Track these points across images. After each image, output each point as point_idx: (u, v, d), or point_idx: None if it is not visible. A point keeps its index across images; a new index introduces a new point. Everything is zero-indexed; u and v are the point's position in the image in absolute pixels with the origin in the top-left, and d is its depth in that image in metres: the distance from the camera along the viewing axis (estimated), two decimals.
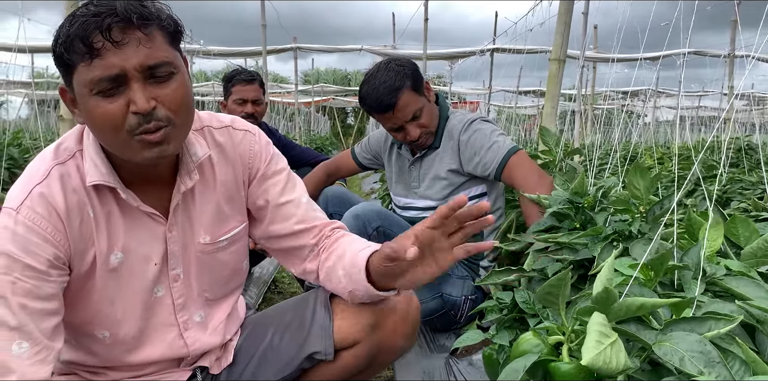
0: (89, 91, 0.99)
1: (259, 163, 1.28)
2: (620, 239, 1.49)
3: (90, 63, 0.97)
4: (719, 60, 8.90)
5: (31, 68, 10.74)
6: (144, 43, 0.99)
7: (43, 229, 1.04)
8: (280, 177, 1.31)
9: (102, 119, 1.01)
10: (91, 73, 0.98)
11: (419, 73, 2.12)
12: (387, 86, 2.02)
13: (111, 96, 1.00)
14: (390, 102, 2.03)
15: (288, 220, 1.30)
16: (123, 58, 0.98)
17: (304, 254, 1.33)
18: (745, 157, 4.91)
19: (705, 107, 18.04)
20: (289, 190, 1.31)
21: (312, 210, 1.33)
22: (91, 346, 1.21)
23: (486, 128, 2.10)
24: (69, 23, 0.97)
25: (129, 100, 1.00)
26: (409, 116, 2.07)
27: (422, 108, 2.09)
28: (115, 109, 1.00)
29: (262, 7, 8.09)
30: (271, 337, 1.35)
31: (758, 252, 1.26)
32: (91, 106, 1.01)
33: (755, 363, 0.89)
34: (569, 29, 2.98)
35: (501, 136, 2.08)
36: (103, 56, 0.97)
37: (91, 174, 1.08)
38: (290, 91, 16.12)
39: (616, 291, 0.98)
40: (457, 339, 1.43)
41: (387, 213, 2.07)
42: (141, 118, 1.00)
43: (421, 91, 2.10)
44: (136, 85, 1.00)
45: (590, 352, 0.91)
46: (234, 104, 3.02)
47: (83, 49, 0.96)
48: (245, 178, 1.28)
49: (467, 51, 10.11)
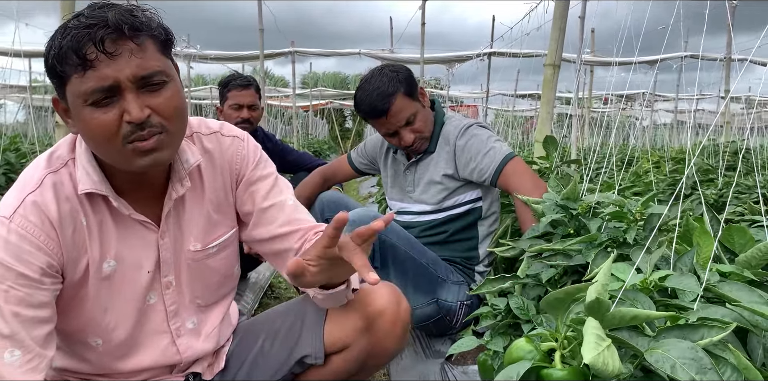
0: (83, 101, 1.00)
1: (245, 169, 1.28)
2: (614, 245, 1.49)
3: (83, 74, 0.97)
4: (716, 64, 8.93)
5: (28, 73, 10.74)
6: (136, 53, 1.00)
7: (36, 238, 1.04)
8: (266, 181, 1.30)
9: (96, 129, 1.01)
10: (85, 84, 0.98)
11: (413, 78, 2.13)
12: (380, 92, 2.03)
13: (105, 106, 1.00)
14: (383, 107, 2.04)
15: (272, 223, 1.29)
16: (116, 68, 0.98)
17: (290, 257, 1.32)
18: (742, 160, 4.91)
19: (702, 110, 18.08)
20: (274, 194, 1.30)
21: (296, 212, 1.32)
22: (83, 353, 1.20)
23: (482, 134, 2.10)
24: (61, 35, 0.98)
25: (123, 110, 1.00)
26: (403, 121, 2.07)
27: (416, 113, 2.09)
28: (109, 119, 1.00)
29: (259, 11, 8.10)
30: (262, 342, 1.35)
31: (752, 260, 1.26)
32: (86, 117, 1.01)
33: (747, 370, 0.89)
34: (564, 34, 2.99)
35: (497, 142, 2.08)
36: (97, 68, 0.97)
37: (83, 182, 1.09)
38: (288, 95, 16.12)
39: (608, 301, 0.98)
40: (452, 345, 1.44)
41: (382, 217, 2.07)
42: (135, 126, 1.01)
43: (415, 97, 2.10)
44: (129, 95, 1.00)
45: (591, 352, 0.91)
46: (230, 109, 3.02)
47: (76, 61, 0.97)
48: (232, 183, 1.28)
49: (464, 55, 10.13)
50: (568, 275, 1.53)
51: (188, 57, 10.26)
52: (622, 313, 0.97)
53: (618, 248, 1.45)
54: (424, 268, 2.03)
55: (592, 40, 9.60)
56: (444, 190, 2.15)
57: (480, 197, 2.16)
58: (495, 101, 16.09)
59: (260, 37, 8.39)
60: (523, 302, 1.38)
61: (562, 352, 1.06)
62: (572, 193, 1.71)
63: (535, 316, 1.34)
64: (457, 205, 2.16)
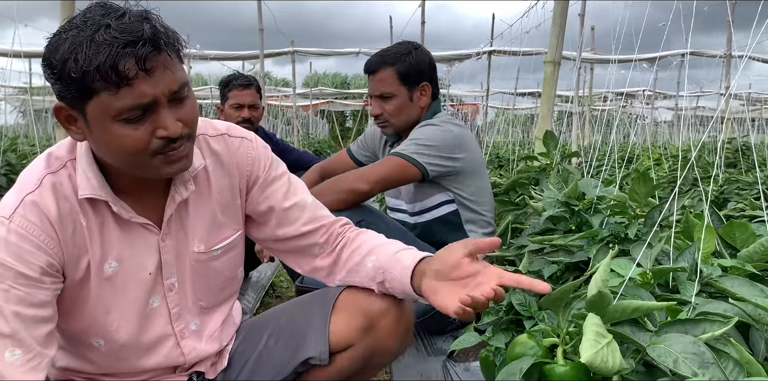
0: (112, 117, 0.97)
1: (258, 170, 1.28)
2: (616, 241, 1.49)
3: (117, 91, 0.94)
4: (716, 61, 8.93)
5: (28, 74, 10.75)
6: (168, 67, 0.98)
7: (36, 237, 1.03)
8: (281, 182, 1.31)
9: (125, 145, 1.00)
10: (119, 101, 0.95)
11: (423, 73, 2.15)
12: (384, 56, 2.14)
13: (135, 122, 0.99)
14: (372, 68, 2.15)
15: (295, 222, 1.30)
16: (153, 85, 0.96)
17: (314, 252, 1.33)
18: (742, 157, 4.91)
19: (703, 108, 18.06)
20: (292, 194, 1.31)
21: (317, 209, 1.34)
22: (87, 354, 1.20)
23: (426, 131, 2.07)
24: (89, 47, 0.92)
25: (156, 126, 1.00)
26: (377, 92, 2.15)
27: (395, 96, 2.13)
28: (141, 135, 0.99)
29: (258, 11, 8.11)
30: (266, 341, 1.34)
31: (754, 255, 1.25)
32: (114, 132, 0.99)
33: (749, 364, 0.89)
34: (564, 31, 2.99)
35: (424, 147, 2.02)
36: (134, 85, 0.95)
37: (83, 187, 1.08)
38: (288, 95, 16.12)
39: (609, 294, 0.98)
40: (454, 341, 1.43)
41: (371, 208, 2.07)
42: (168, 140, 1.01)
43: (408, 84, 2.13)
44: (164, 111, 0.99)
45: (589, 350, 0.91)
46: (231, 109, 3.02)
47: (114, 80, 0.93)
48: (242, 185, 1.28)
49: (464, 53, 10.11)
50: (570, 271, 1.53)
51: (188, 57, 10.27)
52: (623, 306, 0.97)
53: (619, 244, 1.45)
54: None
55: (592, 38, 9.60)
56: (412, 191, 2.17)
57: (452, 200, 2.14)
58: (495, 100, 16.08)
59: (260, 36, 8.40)
60: (525, 298, 1.38)
61: (564, 347, 1.06)
62: (573, 193, 1.71)
63: (537, 313, 1.34)
64: (427, 208, 2.17)
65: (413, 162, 1.99)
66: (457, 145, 2.06)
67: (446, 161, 2.04)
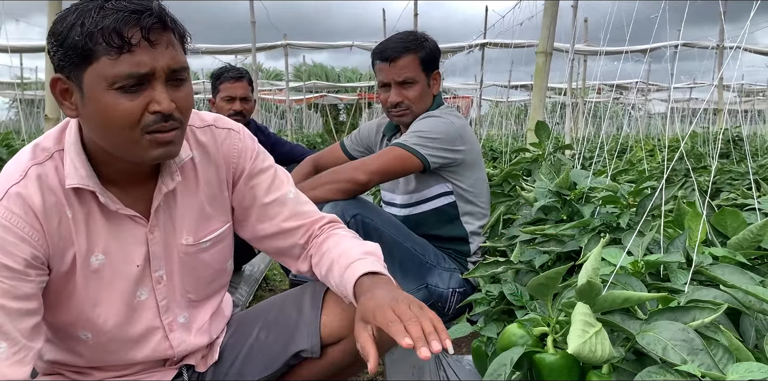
0: (108, 85, 0.98)
1: (244, 162, 1.27)
2: (607, 230, 1.49)
3: (118, 57, 0.96)
4: (708, 52, 8.93)
5: (20, 69, 10.68)
6: (172, 46, 1.01)
7: (20, 229, 1.02)
8: (266, 175, 1.30)
9: (118, 115, 1.00)
10: (117, 67, 0.97)
11: (437, 60, 2.14)
12: (403, 41, 2.08)
13: (131, 93, 0.99)
14: (394, 54, 2.06)
15: (275, 218, 1.29)
16: (153, 57, 0.98)
17: (295, 254, 1.32)
18: (735, 148, 4.92)
19: (696, 99, 18.10)
20: (275, 188, 1.30)
21: (299, 204, 1.32)
22: (75, 346, 1.19)
23: (429, 122, 2.06)
24: (97, 13, 0.95)
25: (150, 100, 1.00)
26: (401, 78, 2.08)
27: (417, 82, 2.09)
28: (134, 107, 1.00)
29: (251, 4, 8.06)
30: (257, 334, 1.34)
31: (744, 243, 1.25)
32: (107, 101, 0.99)
33: (739, 350, 0.89)
34: (555, 22, 2.98)
35: (425, 139, 2.01)
36: (135, 53, 0.97)
37: (71, 176, 1.07)
38: (282, 88, 16.05)
39: (599, 283, 0.97)
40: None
41: (366, 201, 2.06)
42: (160, 117, 1.01)
43: (428, 72, 2.11)
44: (160, 86, 1.01)
45: (576, 340, 0.90)
46: (222, 101, 3.01)
47: (117, 43, 0.95)
48: (229, 177, 1.27)
49: (457, 46, 10.08)
50: (561, 261, 1.53)
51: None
52: (613, 296, 0.97)
53: (611, 233, 1.45)
54: (411, 252, 2.02)
55: (585, 29, 9.59)
56: (411, 182, 2.15)
57: (450, 191, 2.13)
58: (489, 92, 16.05)
59: (252, 29, 8.35)
60: (517, 288, 1.38)
61: (554, 336, 1.06)
62: (564, 183, 1.71)
63: (528, 302, 1.34)
64: (425, 200, 2.15)
65: (415, 153, 1.98)
66: (459, 137, 2.05)
67: (448, 153, 2.03)
